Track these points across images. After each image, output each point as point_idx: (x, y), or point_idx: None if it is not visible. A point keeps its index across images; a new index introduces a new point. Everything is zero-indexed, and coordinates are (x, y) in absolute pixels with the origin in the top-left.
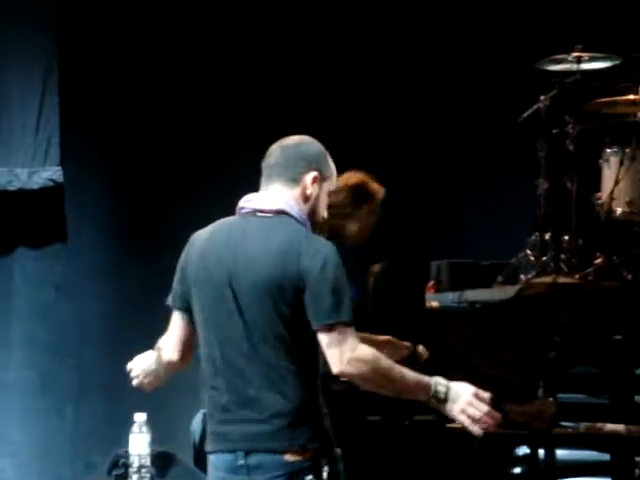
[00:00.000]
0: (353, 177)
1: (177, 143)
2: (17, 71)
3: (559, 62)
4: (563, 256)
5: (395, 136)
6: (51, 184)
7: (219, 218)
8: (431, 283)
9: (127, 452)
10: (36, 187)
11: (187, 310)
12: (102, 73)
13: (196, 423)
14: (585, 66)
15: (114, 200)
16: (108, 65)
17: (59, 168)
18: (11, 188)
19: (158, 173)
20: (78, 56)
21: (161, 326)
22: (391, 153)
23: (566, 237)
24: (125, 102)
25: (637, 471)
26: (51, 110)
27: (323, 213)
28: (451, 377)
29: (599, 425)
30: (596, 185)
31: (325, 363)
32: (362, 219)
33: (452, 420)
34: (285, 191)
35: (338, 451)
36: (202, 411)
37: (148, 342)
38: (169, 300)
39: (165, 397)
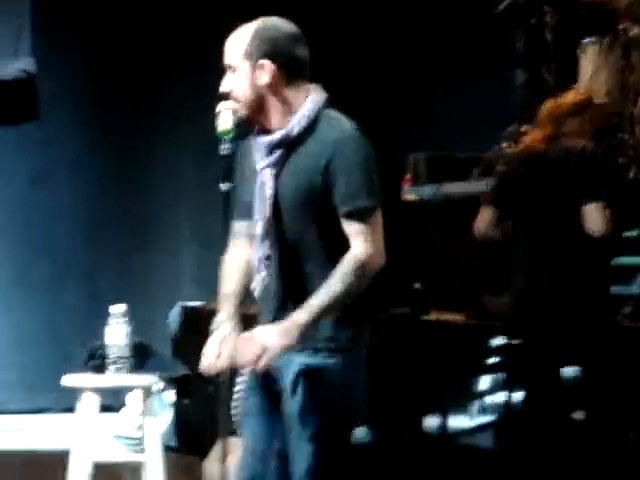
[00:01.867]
0: None
1: (150, 28)
2: None
3: None
4: None
5: (371, 25)
6: (23, 75)
7: (192, 104)
8: (408, 176)
9: (103, 343)
10: (9, 78)
11: None
12: None
13: (174, 315)
14: None
15: (87, 89)
16: None
17: (31, 59)
18: None
19: (132, 59)
20: None
21: (135, 221)
22: (367, 43)
23: None
24: None
25: None
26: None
27: None
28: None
29: None
30: (574, 76)
31: None
32: None
33: (427, 312)
34: None
35: None
36: (180, 303)
37: (123, 235)
38: None
39: (143, 289)
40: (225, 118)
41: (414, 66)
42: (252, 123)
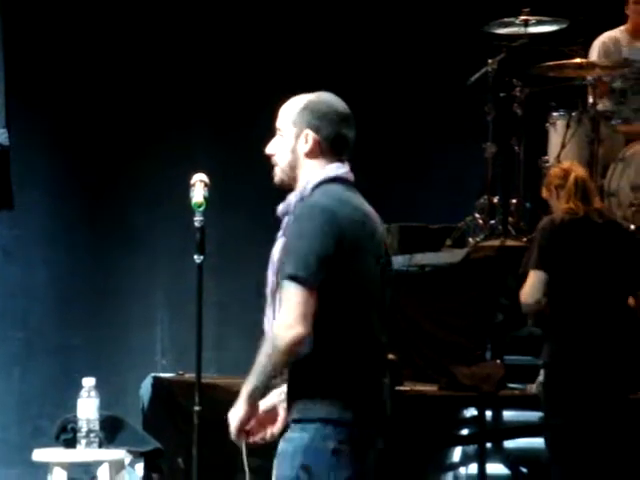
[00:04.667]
0: None
1: (122, 106)
2: None
3: (507, 25)
4: (511, 219)
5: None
6: None
7: (163, 182)
8: None
9: (75, 417)
10: None
11: None
12: (46, 37)
13: (145, 387)
14: (532, 29)
15: (60, 165)
16: (52, 28)
17: (4, 131)
18: None
19: (105, 133)
20: (22, 19)
21: (107, 291)
22: None
23: (514, 200)
24: (70, 66)
25: None
26: None
27: None
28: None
29: None
30: (543, 148)
31: None
32: None
33: (401, 383)
34: None
35: None
36: (151, 375)
37: (95, 307)
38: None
39: (113, 361)
40: (199, 190)
41: (385, 138)
42: (289, 186)
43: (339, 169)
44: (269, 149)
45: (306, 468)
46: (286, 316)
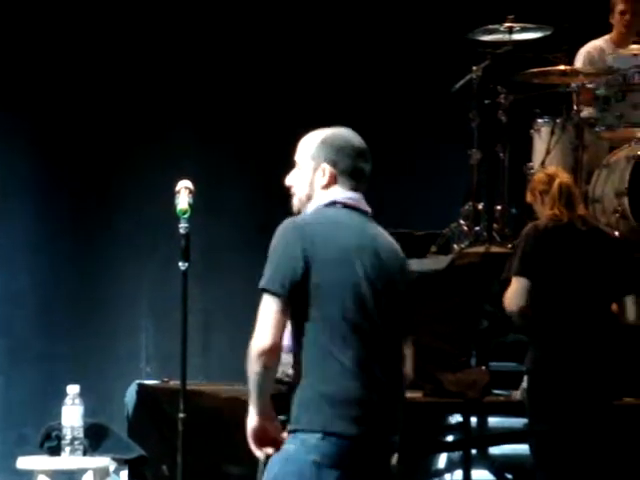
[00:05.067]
0: None
1: (106, 113)
2: None
3: (491, 32)
4: (496, 226)
5: (327, 105)
6: None
7: (148, 189)
8: None
9: (59, 424)
10: None
11: None
12: (26, 43)
13: (130, 394)
14: (517, 36)
15: (44, 171)
16: (33, 33)
17: None
18: None
19: (89, 138)
20: (3, 21)
21: (92, 299)
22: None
23: (499, 207)
24: (54, 70)
25: None
26: None
27: None
28: None
29: None
30: (528, 155)
31: None
32: None
33: None
34: None
35: None
36: (136, 382)
37: (80, 314)
38: None
39: (98, 369)
40: (183, 197)
41: (370, 145)
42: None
43: (341, 194)
44: (288, 181)
45: (283, 477)
46: (257, 327)
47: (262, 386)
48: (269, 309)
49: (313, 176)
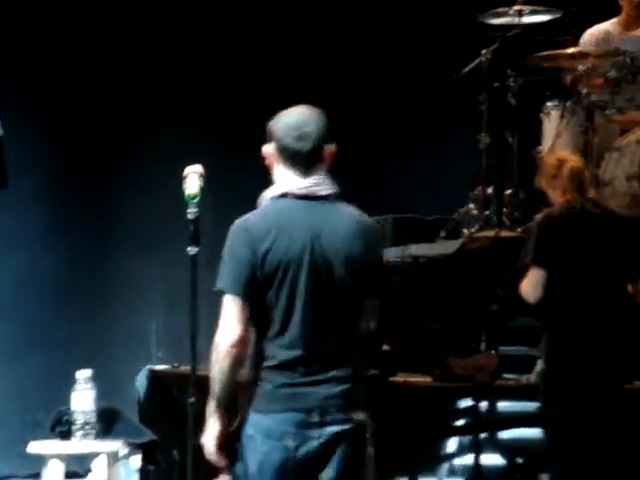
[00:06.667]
0: None
1: (115, 99)
2: None
3: (500, 15)
4: (505, 210)
5: (337, 90)
6: None
7: (159, 170)
8: None
9: (70, 409)
10: None
11: None
12: (36, 23)
13: (141, 380)
14: (526, 19)
15: (55, 155)
16: (42, 14)
17: None
18: None
19: (98, 123)
20: (14, 8)
21: (102, 285)
22: (335, 107)
23: (508, 191)
24: (63, 53)
25: None
26: None
27: None
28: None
29: None
30: (537, 138)
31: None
32: None
33: (394, 374)
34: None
35: None
36: (147, 367)
37: (90, 299)
38: None
39: (109, 354)
40: (192, 182)
41: (380, 129)
42: None
43: (289, 185)
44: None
45: (235, 449)
46: (222, 323)
47: (227, 380)
48: (230, 306)
49: (266, 149)
